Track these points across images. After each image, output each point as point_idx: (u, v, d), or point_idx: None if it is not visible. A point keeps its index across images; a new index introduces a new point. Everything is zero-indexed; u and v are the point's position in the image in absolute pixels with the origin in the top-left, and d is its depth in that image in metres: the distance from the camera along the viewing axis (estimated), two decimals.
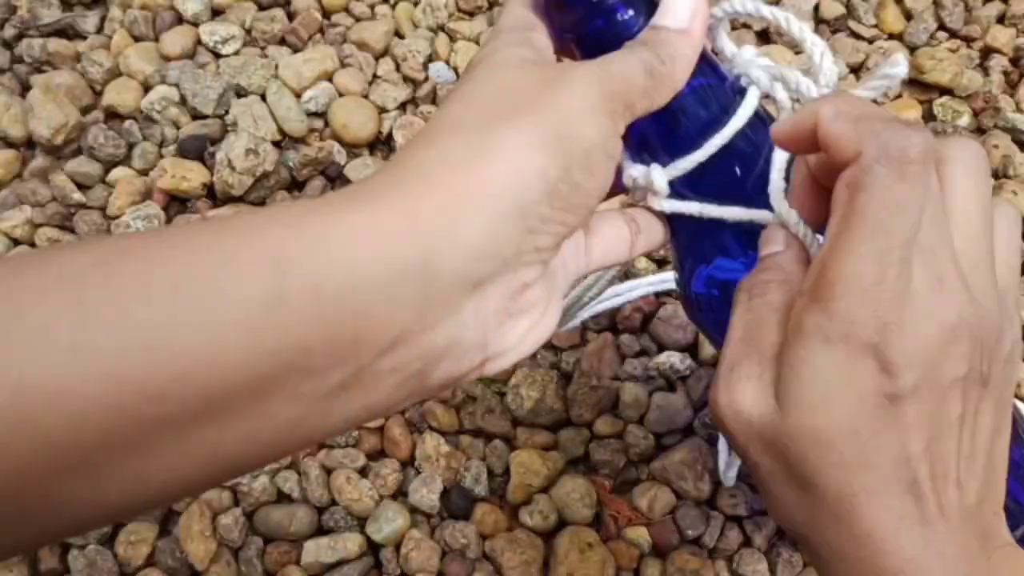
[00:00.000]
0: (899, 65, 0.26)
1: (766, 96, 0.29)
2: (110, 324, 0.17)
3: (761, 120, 0.30)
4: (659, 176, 0.29)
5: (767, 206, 0.28)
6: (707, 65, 0.29)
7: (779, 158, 0.29)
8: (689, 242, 0.32)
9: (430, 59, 0.60)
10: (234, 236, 0.19)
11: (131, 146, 0.57)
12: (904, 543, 0.22)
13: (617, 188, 0.29)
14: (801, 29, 0.29)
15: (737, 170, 0.29)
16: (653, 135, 0.29)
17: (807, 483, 0.22)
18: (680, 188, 0.30)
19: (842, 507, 0.22)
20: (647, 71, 0.25)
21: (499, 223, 0.21)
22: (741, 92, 0.29)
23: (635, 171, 0.29)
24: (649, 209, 0.30)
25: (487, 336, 0.23)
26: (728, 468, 0.43)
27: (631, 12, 0.27)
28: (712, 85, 0.29)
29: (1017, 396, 0.49)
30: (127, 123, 0.58)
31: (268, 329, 0.18)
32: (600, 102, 0.23)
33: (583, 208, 0.24)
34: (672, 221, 0.31)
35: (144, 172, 0.57)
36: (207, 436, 0.18)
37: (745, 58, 0.29)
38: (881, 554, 0.22)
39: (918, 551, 0.21)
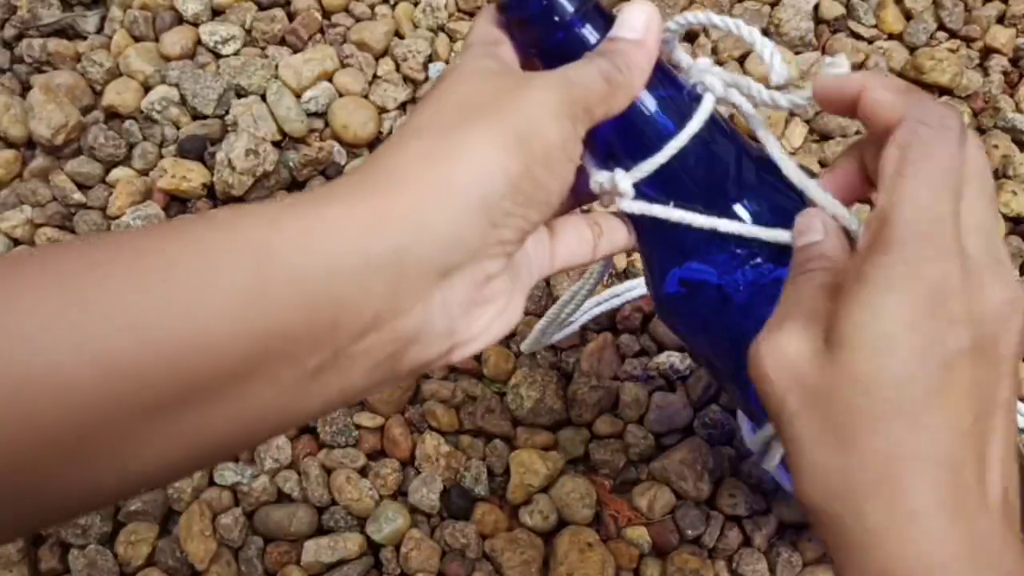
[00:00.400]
0: (841, 66, 0.28)
1: (722, 102, 0.31)
2: (104, 315, 0.18)
3: (719, 125, 0.32)
4: (623, 179, 0.30)
5: (727, 207, 0.31)
6: (665, 75, 0.31)
7: (786, 162, 0.31)
8: (658, 244, 0.33)
9: (430, 59, 0.60)
10: (219, 229, 0.20)
11: (131, 146, 0.57)
12: (949, 533, 0.21)
13: (581, 192, 0.31)
14: (751, 32, 0.31)
15: (699, 172, 0.31)
16: (617, 142, 0.31)
17: (848, 441, 0.22)
18: (647, 192, 0.31)
19: (888, 471, 0.21)
20: (605, 78, 0.27)
21: (465, 216, 0.23)
22: (697, 99, 0.31)
23: (601, 176, 0.31)
24: (616, 214, 0.32)
25: (454, 323, 0.25)
26: (765, 453, 0.42)
27: (589, 26, 0.29)
28: (670, 94, 0.31)
29: (1020, 398, 0.49)
30: (127, 123, 0.58)
31: (251, 316, 0.20)
32: (560, 107, 0.25)
33: (544, 204, 0.26)
34: (640, 224, 0.32)
35: (144, 172, 0.57)
36: (195, 419, 0.20)
37: (700, 67, 0.31)
38: (922, 541, 0.21)
39: (963, 546, 0.21)
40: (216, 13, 0.62)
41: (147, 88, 0.59)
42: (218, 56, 0.60)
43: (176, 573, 0.46)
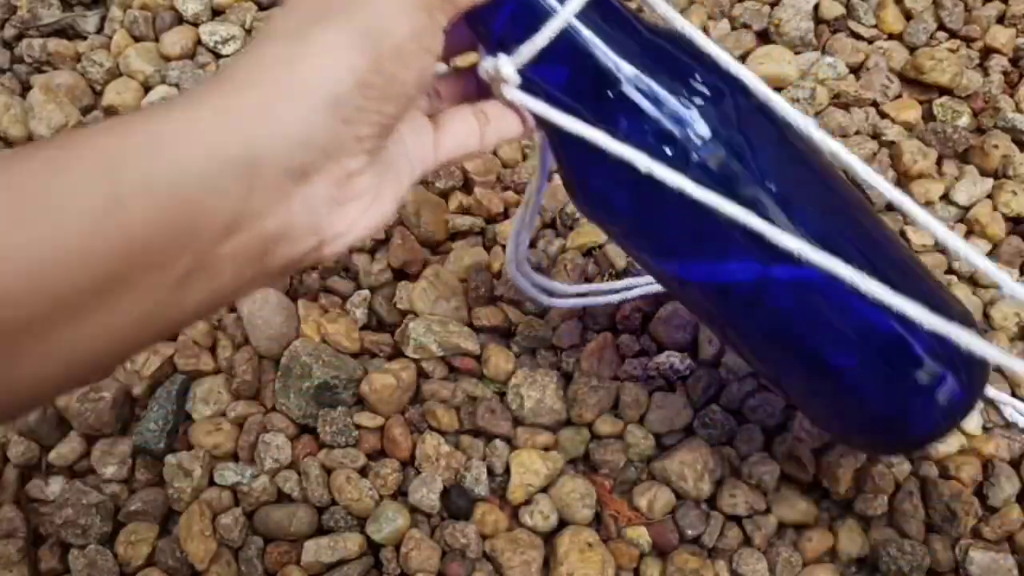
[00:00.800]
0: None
1: None
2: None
3: (612, 10, 0.32)
4: (505, 64, 0.31)
5: (616, 92, 0.31)
6: None
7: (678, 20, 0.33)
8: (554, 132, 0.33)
9: None
10: (70, 148, 0.21)
11: None
12: None
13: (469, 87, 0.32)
14: None
15: (585, 58, 0.31)
16: (502, 30, 0.31)
17: None
18: (538, 83, 0.31)
19: None
20: None
21: (314, 115, 0.23)
22: None
23: (486, 63, 0.31)
24: (506, 102, 0.32)
25: (319, 221, 0.25)
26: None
27: None
28: None
29: (1017, 396, 0.49)
30: None
31: (108, 229, 0.20)
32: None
33: (401, 97, 0.26)
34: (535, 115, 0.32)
35: None
36: (67, 336, 0.20)
37: None
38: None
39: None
40: (216, 13, 0.62)
41: (147, 88, 0.59)
42: (218, 56, 0.60)
43: (176, 573, 0.46)
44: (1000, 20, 0.62)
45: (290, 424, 0.49)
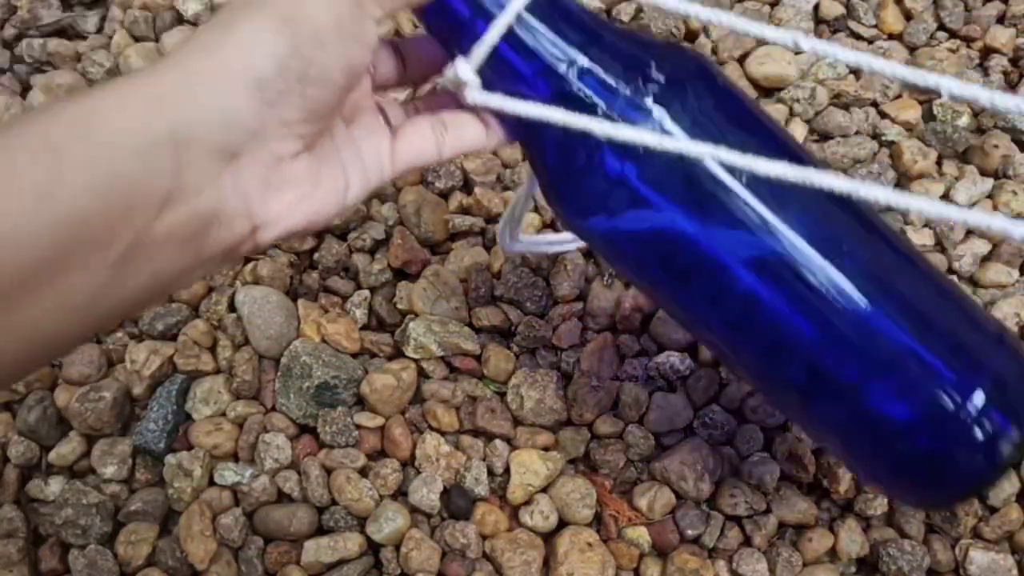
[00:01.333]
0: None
1: None
2: None
3: (558, 8, 0.32)
4: (462, 66, 0.31)
5: (560, 85, 0.31)
6: None
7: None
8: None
9: None
10: (10, 134, 0.22)
11: None
12: None
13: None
14: None
15: (545, 51, 0.31)
16: (457, 36, 0.31)
17: None
18: (500, 84, 0.32)
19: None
20: None
21: (236, 96, 0.25)
22: None
23: (445, 71, 0.32)
24: (474, 111, 0.33)
25: (250, 204, 0.26)
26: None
27: None
28: None
29: None
30: None
31: (49, 207, 0.21)
32: None
33: (325, 82, 0.27)
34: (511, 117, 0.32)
35: None
36: (24, 312, 0.22)
37: None
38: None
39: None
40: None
41: None
42: None
43: (176, 573, 0.46)
44: (1000, 20, 0.62)
45: (290, 424, 0.49)
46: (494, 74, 0.32)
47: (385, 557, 0.46)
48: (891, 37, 0.62)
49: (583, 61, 0.31)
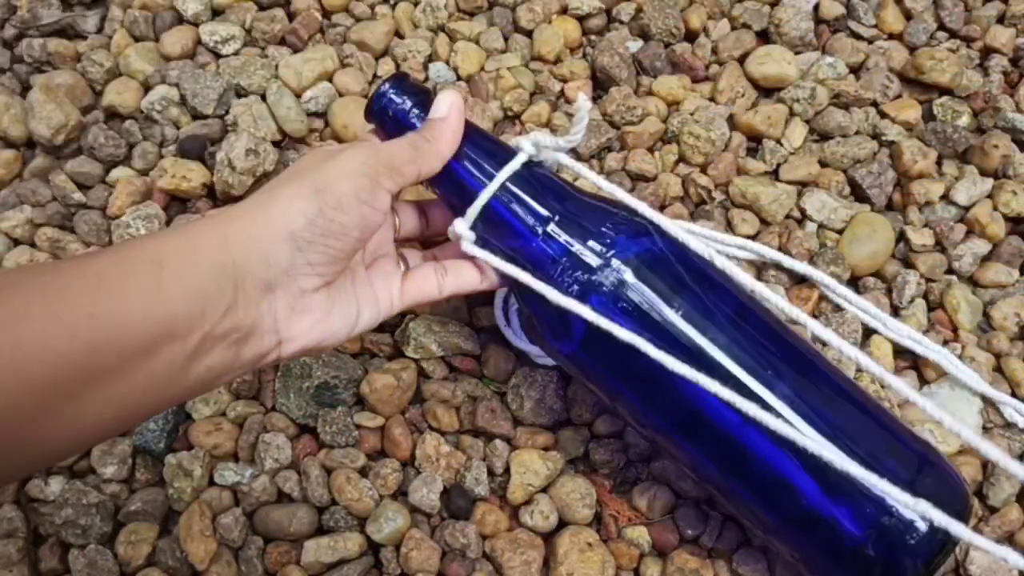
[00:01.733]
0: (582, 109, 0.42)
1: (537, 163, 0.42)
2: (67, 305, 0.27)
3: (541, 181, 0.41)
4: (459, 224, 0.41)
5: (545, 246, 0.40)
6: (487, 146, 0.41)
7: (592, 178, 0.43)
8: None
9: (430, 59, 0.60)
10: (128, 248, 0.31)
11: (131, 146, 0.57)
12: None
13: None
14: (582, 112, 0.42)
15: (522, 216, 0.40)
16: (458, 199, 0.41)
17: None
18: (487, 239, 0.41)
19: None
20: (412, 146, 0.38)
21: (276, 243, 0.33)
22: (512, 156, 0.41)
23: (452, 223, 0.41)
24: (472, 259, 0.42)
25: (278, 324, 0.34)
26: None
27: (413, 109, 0.41)
28: (489, 156, 0.41)
29: (1017, 396, 0.49)
30: (127, 123, 0.58)
31: (154, 304, 0.29)
32: (359, 167, 0.36)
33: (342, 236, 0.35)
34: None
35: (144, 172, 0.57)
36: (118, 386, 0.29)
37: (524, 137, 0.42)
38: None
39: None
40: (216, 13, 0.62)
41: (147, 88, 0.59)
42: (218, 56, 0.60)
43: (176, 573, 0.46)
44: (1000, 20, 0.62)
45: (290, 424, 0.49)
46: (489, 228, 0.41)
47: (385, 557, 0.46)
48: (891, 37, 0.62)
49: (551, 227, 0.40)
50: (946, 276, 0.53)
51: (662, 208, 0.55)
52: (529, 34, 0.61)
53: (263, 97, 0.58)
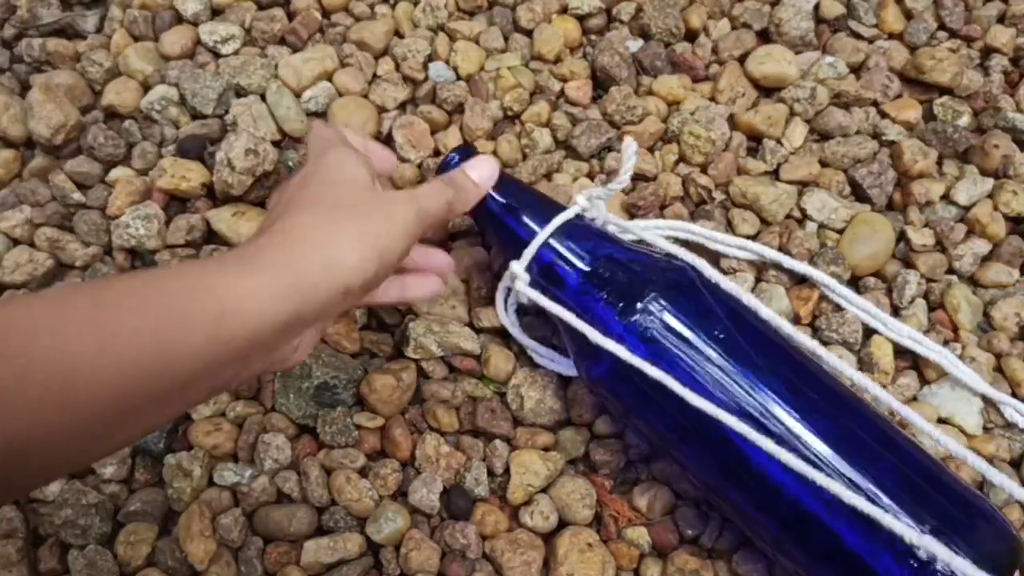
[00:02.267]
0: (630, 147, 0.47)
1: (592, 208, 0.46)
2: (131, 331, 0.28)
3: (586, 231, 0.45)
4: (516, 266, 0.44)
5: (587, 299, 0.43)
6: (538, 203, 0.46)
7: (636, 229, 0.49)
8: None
9: (430, 59, 0.60)
10: (192, 283, 0.31)
11: (131, 146, 0.57)
12: None
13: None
14: (628, 153, 0.47)
15: (565, 266, 0.44)
16: (512, 245, 0.45)
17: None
18: (544, 283, 0.45)
19: None
20: (447, 206, 0.42)
21: (334, 296, 0.35)
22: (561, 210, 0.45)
23: (511, 265, 0.45)
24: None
25: (300, 342, 0.37)
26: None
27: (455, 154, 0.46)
28: (539, 211, 0.45)
29: (1017, 396, 0.49)
30: (127, 123, 0.58)
31: (207, 351, 0.30)
32: (412, 227, 0.38)
33: (377, 287, 0.38)
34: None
35: (144, 172, 0.57)
36: (170, 409, 0.31)
37: (580, 193, 0.46)
38: None
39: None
40: (216, 13, 0.62)
41: (147, 88, 0.59)
42: (218, 56, 0.60)
43: (176, 573, 0.46)
44: (1001, 20, 0.62)
45: (290, 424, 0.49)
46: (540, 271, 0.44)
47: (385, 558, 0.46)
48: (891, 37, 0.62)
49: (596, 273, 0.43)
50: (946, 276, 0.53)
51: (662, 208, 0.55)
52: (529, 34, 0.61)
53: (263, 97, 0.58)
